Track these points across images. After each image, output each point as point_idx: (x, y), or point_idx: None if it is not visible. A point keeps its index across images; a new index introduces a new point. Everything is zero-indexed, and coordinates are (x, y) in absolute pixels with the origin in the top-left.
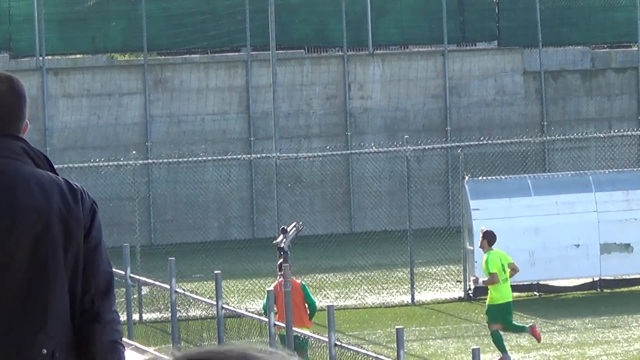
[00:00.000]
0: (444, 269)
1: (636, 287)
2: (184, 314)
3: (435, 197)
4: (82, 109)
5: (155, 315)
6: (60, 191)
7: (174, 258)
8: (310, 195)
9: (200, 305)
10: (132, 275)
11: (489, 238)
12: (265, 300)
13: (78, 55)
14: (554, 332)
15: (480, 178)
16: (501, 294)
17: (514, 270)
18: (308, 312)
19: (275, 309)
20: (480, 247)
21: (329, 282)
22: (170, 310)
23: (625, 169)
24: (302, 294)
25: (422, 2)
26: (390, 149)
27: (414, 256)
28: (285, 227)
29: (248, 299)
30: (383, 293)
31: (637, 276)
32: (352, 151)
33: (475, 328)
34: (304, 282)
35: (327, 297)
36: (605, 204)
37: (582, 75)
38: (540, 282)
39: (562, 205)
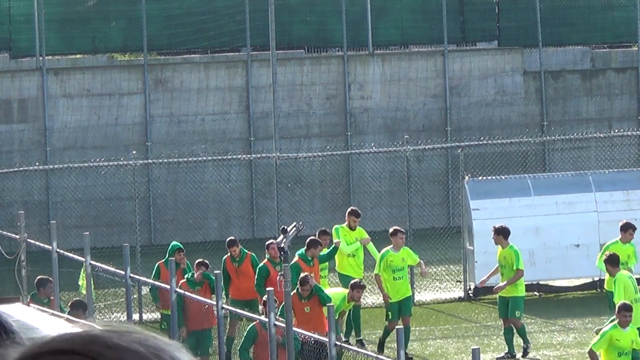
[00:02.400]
0: (444, 269)
1: None
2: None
3: (435, 197)
4: (82, 109)
5: (155, 315)
6: None
7: (174, 258)
8: (310, 195)
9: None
10: (132, 275)
11: (504, 233)
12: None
13: (78, 55)
14: (554, 332)
15: (480, 178)
16: (523, 286)
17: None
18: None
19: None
20: (496, 243)
21: (329, 282)
22: (170, 309)
23: (625, 169)
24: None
25: (422, 2)
26: (390, 149)
27: None
28: (285, 227)
29: None
30: None
31: (637, 276)
32: (352, 151)
33: (475, 328)
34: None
35: None
36: (605, 204)
37: (582, 75)
38: (540, 282)
39: (562, 205)
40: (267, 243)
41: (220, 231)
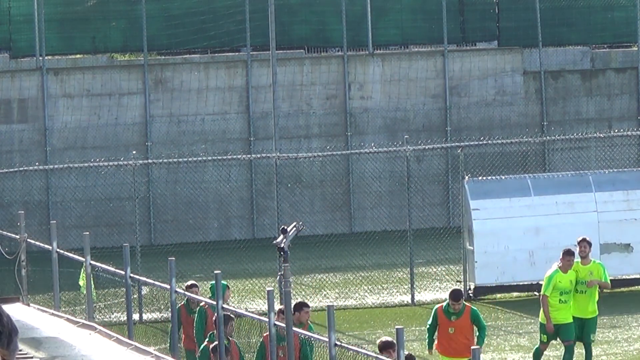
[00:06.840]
0: (444, 269)
1: (636, 287)
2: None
3: (435, 197)
4: (82, 109)
5: (155, 315)
6: None
7: (174, 258)
8: (310, 195)
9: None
10: (132, 275)
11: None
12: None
13: (78, 55)
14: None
15: (480, 178)
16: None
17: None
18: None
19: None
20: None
21: (329, 282)
22: (170, 310)
23: (625, 169)
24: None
25: (422, 2)
26: (390, 149)
27: (414, 256)
28: (285, 227)
29: (248, 299)
30: (383, 293)
31: (637, 276)
32: (352, 151)
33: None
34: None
35: (327, 297)
36: (605, 204)
37: (582, 75)
38: (540, 282)
39: (562, 205)
40: (298, 302)
41: (220, 231)
